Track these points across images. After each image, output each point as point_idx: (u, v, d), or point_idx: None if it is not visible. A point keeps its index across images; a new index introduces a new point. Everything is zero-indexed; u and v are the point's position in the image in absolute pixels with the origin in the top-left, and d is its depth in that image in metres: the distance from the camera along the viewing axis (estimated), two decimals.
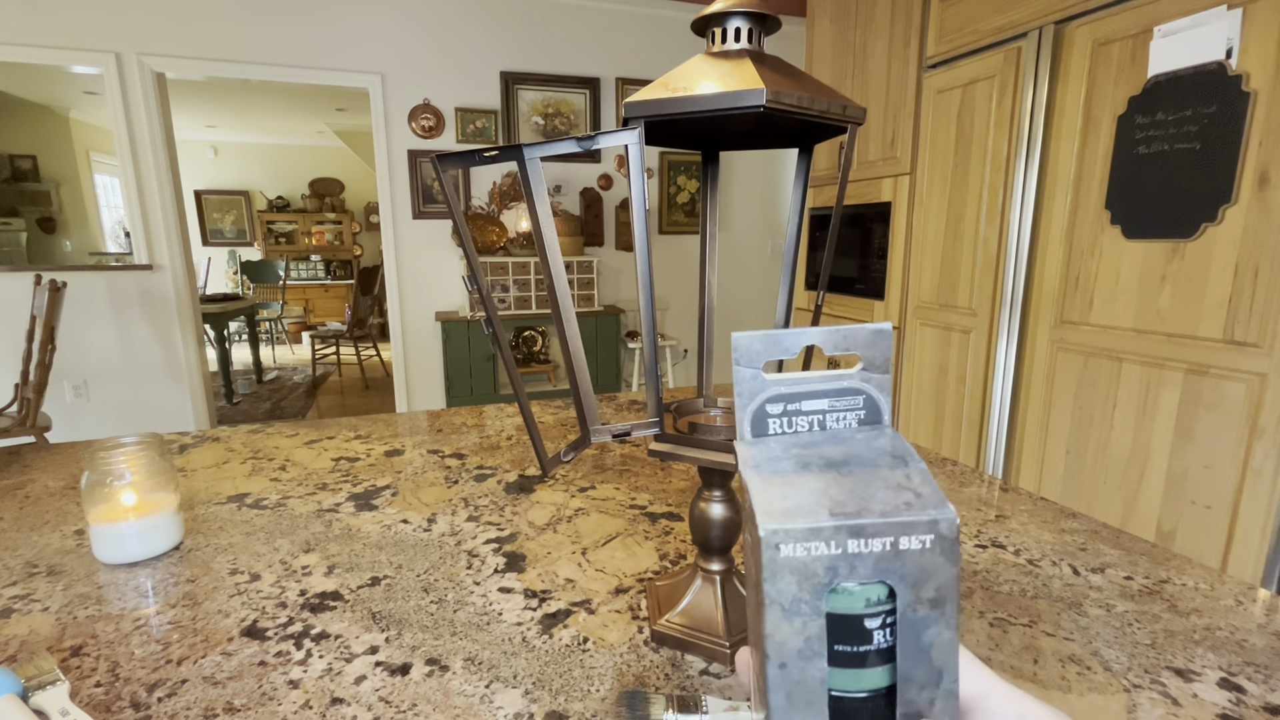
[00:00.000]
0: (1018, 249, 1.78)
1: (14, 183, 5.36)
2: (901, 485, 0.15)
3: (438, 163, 0.41)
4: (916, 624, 0.15)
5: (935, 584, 0.15)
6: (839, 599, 0.15)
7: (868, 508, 0.15)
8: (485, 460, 0.89)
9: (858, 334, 0.18)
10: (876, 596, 0.15)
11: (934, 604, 0.15)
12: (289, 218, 7.72)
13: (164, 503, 0.63)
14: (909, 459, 0.16)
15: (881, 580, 0.15)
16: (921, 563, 0.15)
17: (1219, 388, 1.35)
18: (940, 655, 0.15)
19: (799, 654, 0.15)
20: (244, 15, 3.18)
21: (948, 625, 0.15)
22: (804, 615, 0.14)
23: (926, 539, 0.14)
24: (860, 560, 0.14)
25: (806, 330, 0.18)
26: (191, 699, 0.43)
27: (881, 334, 0.18)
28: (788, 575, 0.14)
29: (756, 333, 0.18)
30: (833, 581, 0.15)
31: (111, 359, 3.30)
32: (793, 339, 0.18)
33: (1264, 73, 1.25)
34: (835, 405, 0.19)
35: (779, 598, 0.14)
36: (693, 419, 0.51)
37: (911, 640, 0.15)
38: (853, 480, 0.16)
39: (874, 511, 0.14)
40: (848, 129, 0.44)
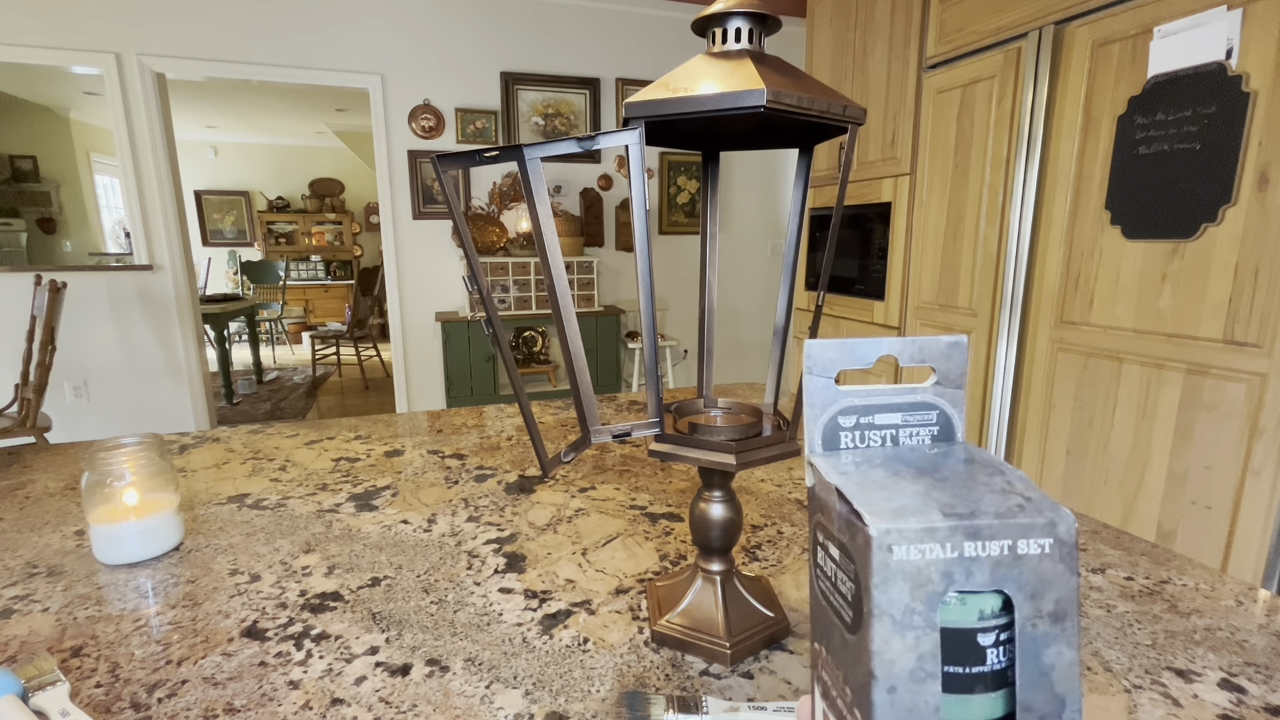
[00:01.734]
0: (1018, 249, 1.78)
1: (14, 183, 5.36)
2: (1006, 490, 0.14)
3: (438, 163, 0.41)
4: (1037, 641, 0.13)
5: (1055, 595, 0.13)
6: (949, 611, 0.13)
7: (980, 509, 0.13)
8: (485, 460, 0.89)
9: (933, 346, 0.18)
10: (990, 609, 0.13)
11: (1055, 618, 0.13)
12: (289, 218, 7.72)
13: (164, 503, 0.63)
14: (1003, 467, 0.16)
15: (997, 589, 0.13)
16: (1041, 570, 0.13)
17: (1219, 388, 1.35)
18: (1063, 680, 0.13)
19: (911, 675, 0.13)
20: (244, 15, 3.18)
21: (1069, 644, 0.13)
22: (917, 629, 0.13)
23: (1045, 543, 0.13)
24: (978, 566, 0.13)
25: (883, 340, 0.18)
26: (192, 699, 0.43)
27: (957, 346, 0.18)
28: (900, 582, 0.13)
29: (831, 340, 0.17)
30: (948, 590, 0.13)
31: (111, 359, 3.30)
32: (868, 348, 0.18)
33: (1264, 73, 1.25)
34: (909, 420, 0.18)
35: (890, 608, 0.13)
36: (693, 419, 0.51)
37: (1031, 661, 0.13)
38: (954, 485, 0.14)
39: (988, 513, 0.13)
40: (848, 129, 0.44)
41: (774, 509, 0.73)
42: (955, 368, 0.18)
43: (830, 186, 2.62)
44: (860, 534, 0.14)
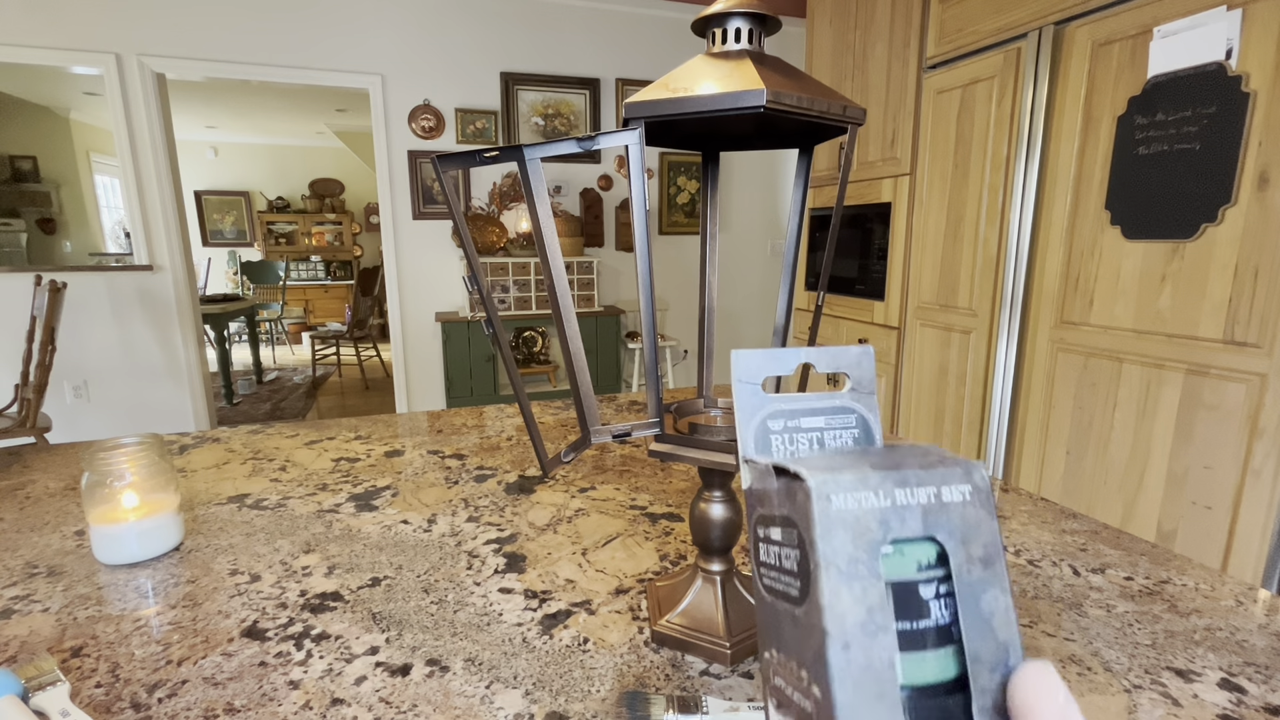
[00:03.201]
0: (1018, 249, 1.78)
1: (14, 183, 5.36)
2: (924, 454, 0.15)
3: (438, 163, 0.41)
4: (974, 587, 0.14)
5: (982, 541, 0.14)
6: (890, 564, 0.14)
7: (904, 465, 0.14)
8: (485, 461, 0.89)
9: (845, 355, 0.19)
10: (927, 559, 0.14)
11: (985, 563, 0.14)
12: (289, 218, 7.72)
13: (164, 503, 0.63)
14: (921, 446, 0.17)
15: (930, 536, 0.14)
16: (965, 516, 0.14)
17: (1219, 388, 1.35)
18: (1003, 627, 0.14)
19: (863, 628, 0.13)
20: (244, 15, 3.18)
21: (1003, 590, 0.14)
22: (863, 579, 0.14)
23: (965, 489, 0.14)
24: (910, 513, 0.14)
25: (801, 350, 0.19)
26: (192, 700, 0.43)
27: (866, 355, 0.19)
28: (841, 531, 0.14)
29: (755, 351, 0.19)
30: (886, 537, 0.14)
31: (111, 359, 3.30)
32: (789, 356, 0.19)
33: (1263, 73, 1.25)
34: (831, 423, 0.20)
35: (835, 558, 0.14)
36: (693, 419, 0.51)
37: (972, 609, 0.14)
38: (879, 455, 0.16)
39: (912, 466, 0.14)
40: (848, 129, 0.44)
41: None
42: (865, 375, 0.19)
43: (830, 186, 2.62)
44: (800, 491, 0.14)
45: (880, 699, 0.13)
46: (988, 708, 0.13)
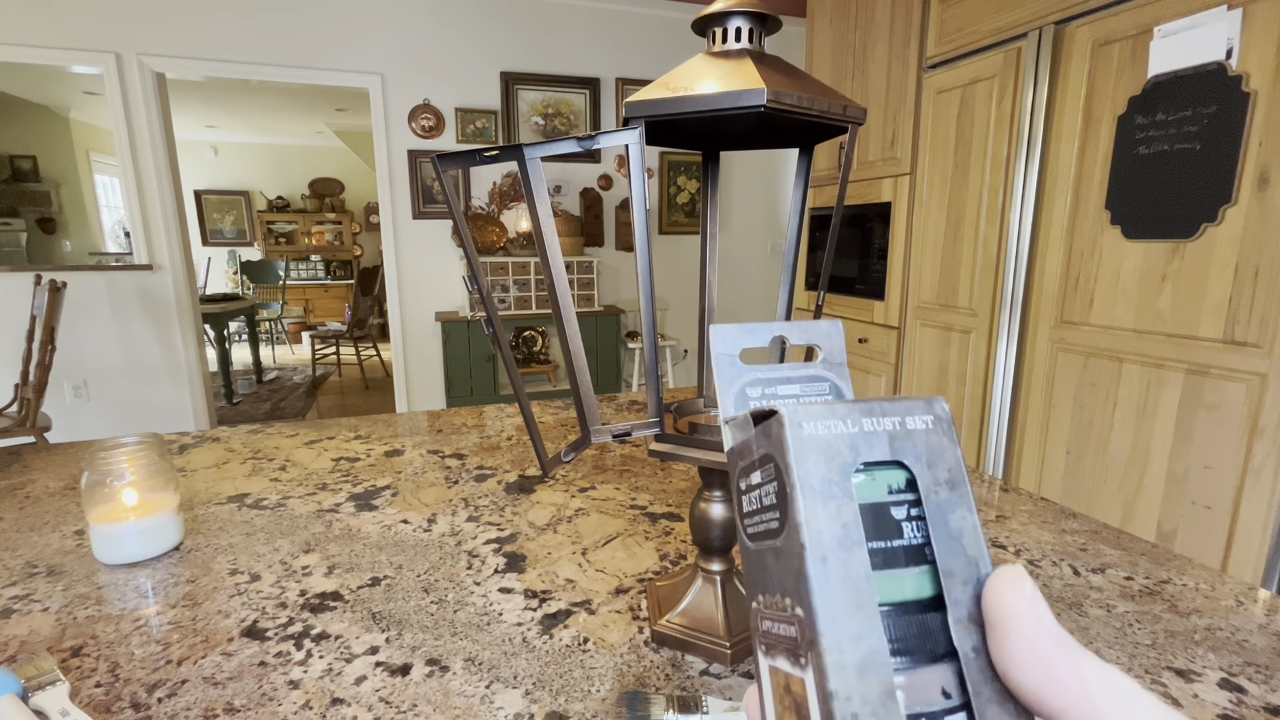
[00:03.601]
0: (1018, 249, 1.78)
1: (14, 183, 5.36)
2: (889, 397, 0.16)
3: (438, 163, 0.41)
4: (942, 507, 0.15)
5: (946, 465, 0.15)
6: (862, 488, 0.15)
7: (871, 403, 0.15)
8: (485, 460, 0.89)
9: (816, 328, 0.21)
10: (896, 484, 0.15)
11: (951, 486, 0.15)
12: (289, 218, 7.72)
13: (164, 503, 0.63)
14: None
15: (898, 461, 0.15)
16: (930, 442, 0.15)
17: (1219, 388, 1.35)
18: (972, 544, 0.15)
19: (839, 543, 0.14)
20: (244, 15, 3.18)
21: (969, 509, 0.15)
22: (837, 499, 0.14)
23: (928, 419, 0.15)
24: (877, 439, 0.15)
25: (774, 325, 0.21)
26: (191, 699, 0.43)
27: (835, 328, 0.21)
28: (814, 455, 0.15)
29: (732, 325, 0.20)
30: (856, 460, 0.15)
31: (111, 359, 3.30)
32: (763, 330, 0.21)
33: (1264, 73, 1.25)
34: (806, 390, 0.21)
35: (809, 479, 0.14)
36: (693, 419, 0.51)
37: (942, 526, 0.15)
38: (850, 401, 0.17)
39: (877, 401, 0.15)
40: (848, 129, 0.44)
41: None
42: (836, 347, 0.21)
43: (830, 186, 2.62)
44: (774, 424, 0.15)
45: (859, 609, 0.14)
46: (962, 618, 0.14)
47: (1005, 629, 0.14)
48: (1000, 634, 0.14)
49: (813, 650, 0.14)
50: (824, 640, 0.13)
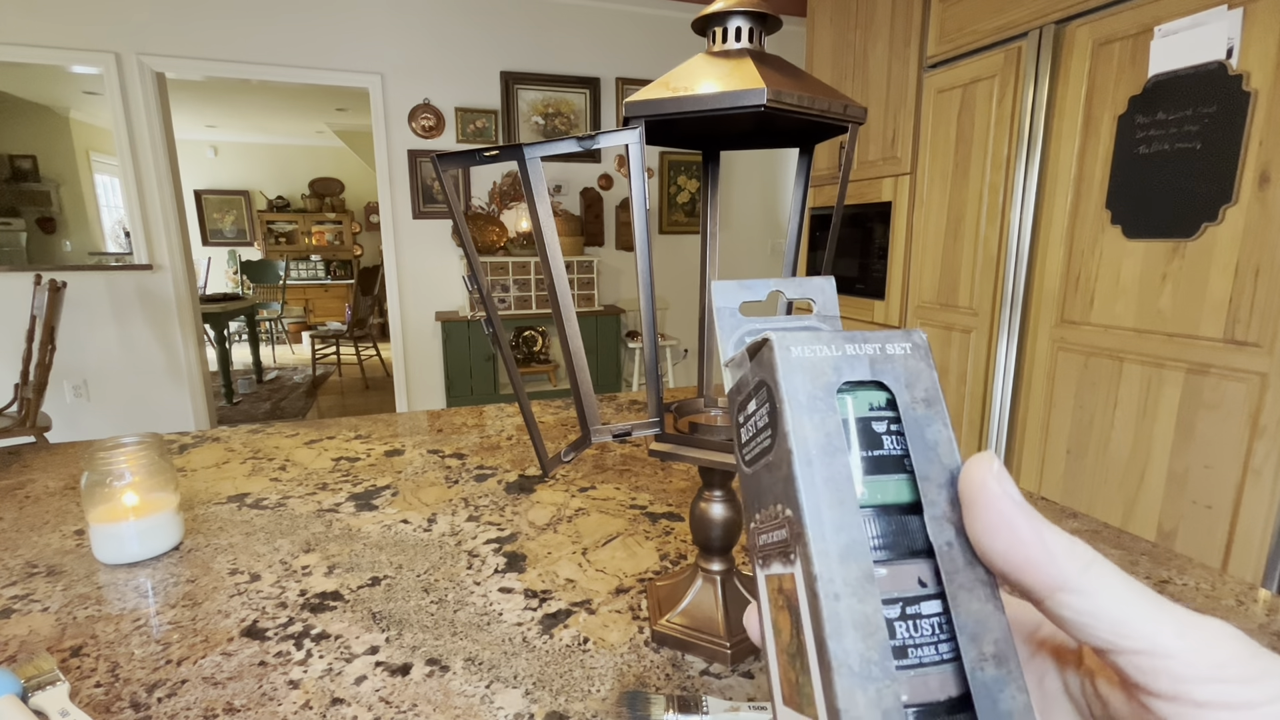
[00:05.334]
0: (1018, 249, 1.78)
1: (14, 183, 5.36)
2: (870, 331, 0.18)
3: (438, 162, 0.41)
4: (919, 422, 0.16)
5: (923, 385, 0.17)
6: (845, 405, 0.16)
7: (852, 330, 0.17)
8: (485, 460, 0.89)
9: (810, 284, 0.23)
10: (877, 403, 0.17)
11: (927, 403, 0.16)
12: (289, 217, 7.72)
13: (164, 503, 0.63)
14: None
15: (878, 381, 0.17)
16: (908, 365, 0.17)
17: (1219, 387, 1.35)
18: (946, 454, 0.16)
19: (823, 449, 0.16)
20: (244, 15, 3.18)
21: (944, 424, 0.16)
22: (821, 411, 0.16)
23: (906, 346, 0.17)
24: (859, 361, 0.16)
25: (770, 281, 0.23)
26: (191, 699, 0.43)
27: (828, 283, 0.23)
28: (800, 374, 0.16)
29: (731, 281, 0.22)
30: (839, 380, 0.16)
31: (111, 359, 3.30)
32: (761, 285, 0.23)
33: (1264, 72, 1.25)
34: None
35: (796, 394, 0.16)
36: (693, 419, 0.51)
37: (919, 439, 0.16)
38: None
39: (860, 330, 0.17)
40: (848, 129, 0.44)
41: None
42: (829, 301, 0.22)
43: (830, 186, 2.62)
44: (766, 351, 0.17)
45: (841, 505, 0.15)
46: (938, 516, 0.16)
47: (976, 502, 0.15)
48: (972, 507, 0.15)
49: (799, 543, 0.15)
50: (809, 532, 0.15)
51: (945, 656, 0.15)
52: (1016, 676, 0.15)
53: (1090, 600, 0.14)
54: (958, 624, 0.15)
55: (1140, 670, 0.14)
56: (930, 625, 0.15)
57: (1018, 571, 0.15)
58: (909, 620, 0.15)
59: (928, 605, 0.15)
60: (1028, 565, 0.14)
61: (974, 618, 0.15)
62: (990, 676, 0.15)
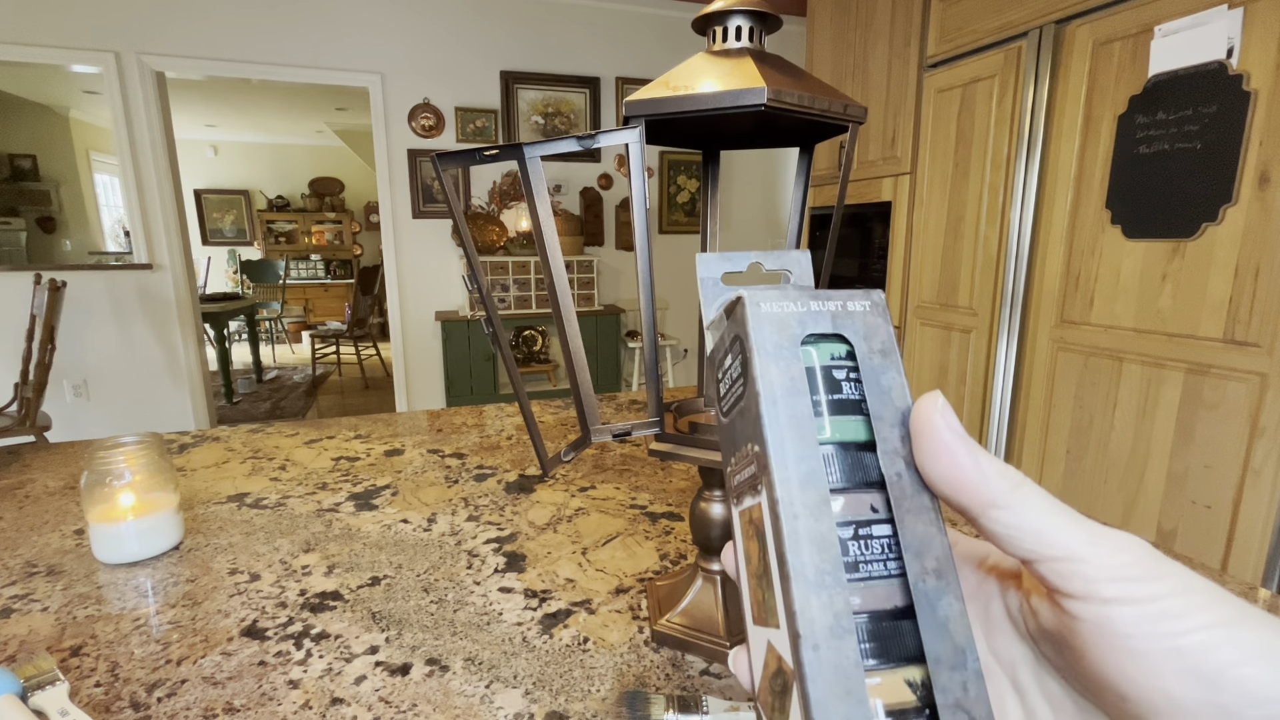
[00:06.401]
0: (1018, 248, 1.78)
1: (14, 182, 5.36)
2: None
3: (438, 162, 0.41)
4: (875, 370, 0.18)
5: (880, 338, 0.18)
6: (809, 355, 0.18)
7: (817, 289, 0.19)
8: (485, 460, 0.89)
9: (788, 256, 0.24)
10: (838, 354, 0.18)
11: (883, 354, 0.18)
12: (289, 217, 7.72)
13: (164, 502, 0.63)
14: None
15: (839, 335, 0.18)
16: (866, 320, 0.18)
17: (1219, 387, 1.35)
18: (899, 397, 0.18)
19: (787, 391, 0.17)
20: (244, 14, 3.18)
21: (898, 371, 0.18)
22: (786, 360, 0.18)
23: (865, 304, 0.18)
24: (821, 316, 0.18)
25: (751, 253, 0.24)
26: (191, 699, 0.43)
27: (804, 256, 0.24)
28: (768, 326, 0.18)
29: (714, 253, 0.24)
30: (803, 332, 0.18)
31: (111, 359, 3.30)
32: (741, 257, 0.24)
33: (1264, 72, 1.25)
34: None
35: (764, 344, 0.18)
36: (693, 419, 0.51)
37: (874, 385, 0.18)
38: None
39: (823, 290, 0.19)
40: (848, 128, 0.44)
41: None
42: (804, 273, 0.24)
43: (830, 186, 2.62)
44: (738, 306, 0.19)
45: (802, 439, 0.17)
46: (889, 451, 0.17)
47: (922, 433, 0.17)
48: (918, 438, 0.17)
49: (765, 472, 0.17)
50: (773, 461, 0.17)
51: (893, 573, 0.17)
52: (954, 588, 0.16)
53: (1017, 515, 0.16)
54: (904, 543, 0.17)
55: (1058, 575, 0.15)
56: (880, 545, 0.17)
57: (957, 492, 0.16)
58: (861, 540, 0.17)
59: (878, 528, 0.17)
60: (965, 485, 0.16)
61: (919, 538, 0.17)
62: (931, 587, 0.16)
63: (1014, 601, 0.19)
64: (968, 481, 0.16)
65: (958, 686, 0.16)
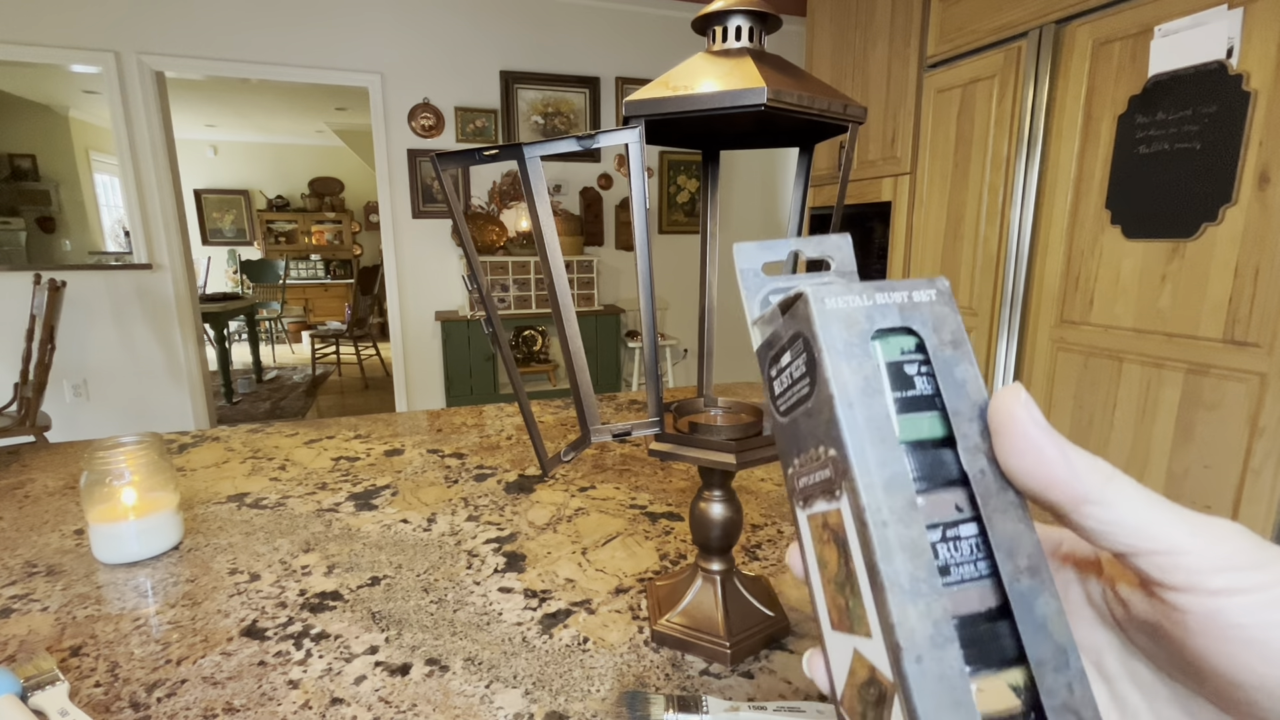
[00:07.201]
0: (1018, 248, 1.78)
1: (14, 182, 5.36)
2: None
3: (437, 161, 0.41)
4: (948, 362, 0.17)
5: (950, 328, 0.18)
6: (878, 350, 0.17)
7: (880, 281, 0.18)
8: (485, 460, 0.89)
9: (827, 241, 0.24)
10: (908, 347, 0.18)
11: (954, 345, 0.18)
12: (289, 217, 7.71)
13: (163, 502, 0.63)
14: None
15: (907, 327, 0.18)
16: (934, 311, 0.18)
17: (1219, 387, 1.35)
18: (975, 390, 0.17)
19: (862, 391, 0.17)
20: (243, 14, 3.18)
21: (970, 363, 0.18)
22: (858, 357, 0.17)
23: (931, 293, 0.18)
24: (889, 310, 0.18)
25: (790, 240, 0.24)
26: (191, 699, 0.43)
27: (844, 240, 0.24)
28: (836, 323, 0.17)
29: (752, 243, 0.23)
30: (872, 328, 0.17)
31: (111, 359, 3.30)
32: (781, 245, 0.24)
33: (1264, 72, 1.25)
34: None
35: (834, 343, 0.17)
36: (693, 419, 0.51)
37: (948, 378, 0.17)
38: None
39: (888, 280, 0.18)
40: (848, 128, 0.44)
41: (774, 508, 0.73)
42: (846, 258, 0.23)
43: (830, 186, 2.62)
44: (801, 304, 0.18)
45: (883, 442, 0.16)
46: (970, 447, 0.17)
47: (1005, 428, 0.16)
48: (1000, 434, 0.16)
49: (846, 479, 0.17)
50: (855, 468, 0.16)
51: (983, 573, 0.16)
52: (1049, 585, 0.16)
53: (1112, 510, 0.15)
54: (994, 542, 0.16)
55: (1159, 568, 0.15)
56: (969, 546, 0.16)
57: (1045, 489, 0.16)
58: (949, 542, 0.16)
59: (965, 528, 0.16)
60: (1054, 482, 0.16)
61: (1008, 536, 0.16)
62: (1026, 586, 0.16)
63: (1095, 589, 0.18)
64: (1057, 478, 0.16)
65: (1063, 688, 0.15)
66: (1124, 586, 0.17)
